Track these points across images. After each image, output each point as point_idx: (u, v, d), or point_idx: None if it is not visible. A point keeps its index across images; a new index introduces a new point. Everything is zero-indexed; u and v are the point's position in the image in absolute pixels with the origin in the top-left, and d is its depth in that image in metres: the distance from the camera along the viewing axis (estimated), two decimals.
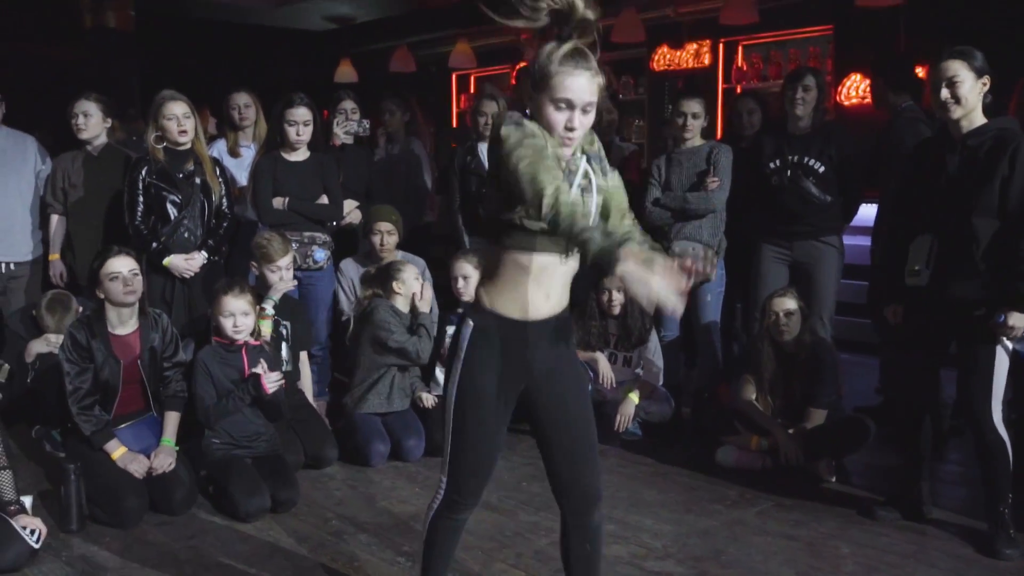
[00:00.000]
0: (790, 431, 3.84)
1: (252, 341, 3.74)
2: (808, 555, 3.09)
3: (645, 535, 3.26)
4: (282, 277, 4.09)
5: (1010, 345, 3.04)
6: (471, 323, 2.18)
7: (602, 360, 4.43)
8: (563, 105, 2.06)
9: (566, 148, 2.11)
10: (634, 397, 4.32)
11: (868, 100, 6.84)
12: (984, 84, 3.03)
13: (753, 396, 3.98)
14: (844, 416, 3.98)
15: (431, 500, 2.32)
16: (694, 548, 3.15)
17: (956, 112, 3.04)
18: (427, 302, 4.30)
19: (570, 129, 2.08)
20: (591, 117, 2.11)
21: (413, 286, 4.28)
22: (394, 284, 4.28)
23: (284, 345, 4.18)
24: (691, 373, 4.91)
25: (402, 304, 4.29)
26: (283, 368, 4.02)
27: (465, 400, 2.18)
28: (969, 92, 3.01)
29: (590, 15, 2.06)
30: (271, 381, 3.56)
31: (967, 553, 3.09)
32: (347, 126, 4.86)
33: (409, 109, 5.66)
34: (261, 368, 3.57)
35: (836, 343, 4.36)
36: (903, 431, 3.36)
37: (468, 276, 4.28)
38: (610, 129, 4.94)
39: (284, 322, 4.16)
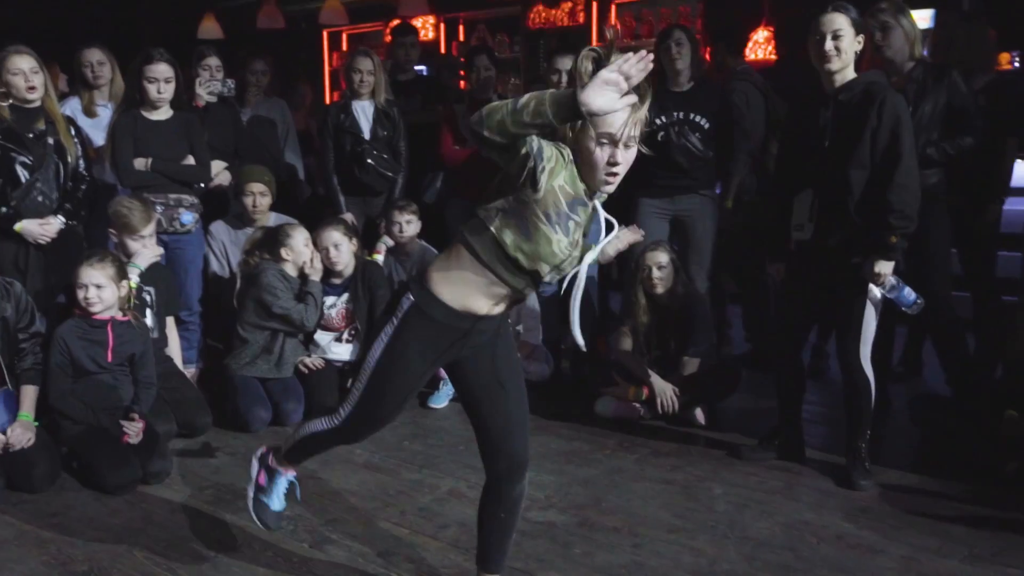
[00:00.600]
0: (666, 380, 3.95)
1: (119, 316, 3.55)
2: (684, 497, 3.20)
3: (528, 486, 3.29)
4: (145, 245, 3.90)
5: (878, 294, 3.20)
6: (411, 298, 2.13)
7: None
8: (604, 141, 1.99)
9: (610, 186, 2.04)
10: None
11: None
12: (859, 42, 3.16)
13: (629, 347, 4.08)
14: (715, 364, 4.13)
15: (319, 420, 2.35)
16: (576, 497, 3.22)
17: (836, 64, 3.15)
18: (317, 270, 4.20)
19: (613, 165, 2.00)
20: (633, 152, 2.03)
21: (303, 253, 4.17)
22: (283, 251, 4.16)
23: (149, 312, 4.01)
24: (565, 328, 4.97)
25: (290, 269, 4.19)
26: (151, 335, 3.86)
27: (389, 366, 2.15)
28: (849, 46, 3.13)
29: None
30: (133, 433, 3.39)
31: (828, 487, 3.27)
32: (210, 86, 4.65)
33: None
34: (127, 428, 3.39)
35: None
36: (778, 377, 3.51)
37: (339, 244, 4.20)
38: (487, 87, 4.90)
39: (148, 288, 3.99)
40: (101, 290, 3.46)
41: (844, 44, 3.12)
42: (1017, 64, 6.14)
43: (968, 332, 4.13)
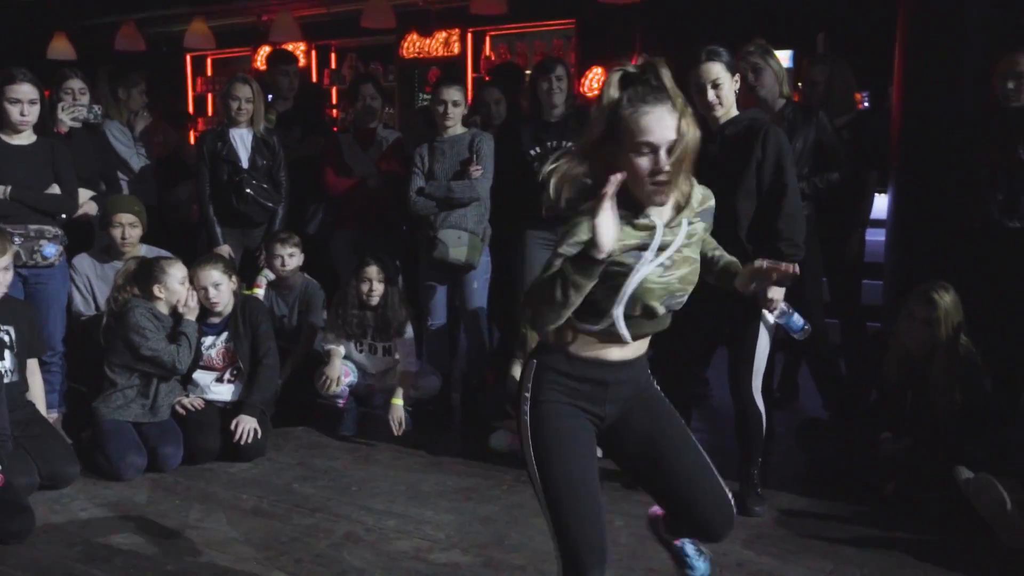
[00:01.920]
0: None
1: None
2: None
3: (428, 527, 3.22)
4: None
5: (771, 319, 3.28)
6: (535, 362, 1.99)
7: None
8: (645, 150, 1.85)
9: (659, 197, 1.89)
10: (398, 400, 4.16)
11: None
12: (736, 80, 3.29)
13: None
14: None
15: None
16: (477, 536, 3.15)
17: (719, 111, 3.27)
18: (192, 310, 3.98)
19: (656, 173, 1.85)
20: (680, 158, 1.87)
21: (177, 292, 3.94)
22: (155, 288, 3.92)
23: (8, 353, 3.69)
24: (455, 361, 4.91)
25: (163, 307, 3.94)
26: (7, 379, 3.56)
27: (543, 446, 1.94)
28: (729, 90, 3.26)
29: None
30: None
31: None
32: (74, 111, 4.35)
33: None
34: None
35: None
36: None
37: (219, 284, 4.01)
38: (372, 115, 4.80)
39: (5, 327, 3.68)
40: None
41: (724, 91, 3.25)
42: (867, 104, 6.56)
43: (838, 357, 4.35)
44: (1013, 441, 3.60)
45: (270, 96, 5.26)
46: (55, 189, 3.98)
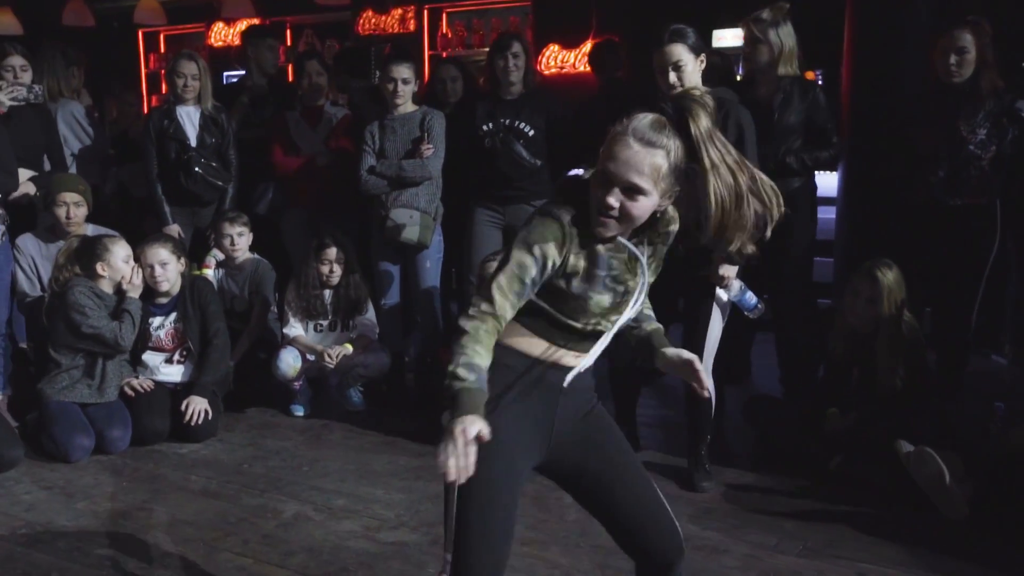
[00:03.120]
0: None
1: None
2: (536, 508, 3.19)
3: (377, 506, 3.22)
4: None
5: (725, 297, 3.27)
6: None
7: None
8: (602, 177, 1.69)
9: (599, 229, 1.72)
10: (349, 345, 4.24)
11: (566, 70, 7.24)
12: (702, 62, 3.25)
13: None
14: None
15: None
16: (427, 514, 3.15)
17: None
18: (136, 287, 3.92)
19: (605, 207, 1.68)
20: (642, 206, 1.70)
21: (121, 270, 3.88)
22: (98, 266, 3.86)
23: None
24: (410, 340, 4.90)
25: (106, 286, 3.88)
26: None
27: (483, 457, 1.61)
28: (692, 73, 3.21)
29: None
30: None
31: (672, 490, 3.34)
32: (13, 91, 4.19)
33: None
34: None
35: None
36: (618, 385, 3.58)
37: (166, 263, 3.96)
38: (318, 93, 4.74)
39: None
40: None
41: (686, 73, 3.20)
42: (821, 81, 6.62)
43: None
44: (954, 415, 3.69)
45: (243, 72, 5.17)
46: None
